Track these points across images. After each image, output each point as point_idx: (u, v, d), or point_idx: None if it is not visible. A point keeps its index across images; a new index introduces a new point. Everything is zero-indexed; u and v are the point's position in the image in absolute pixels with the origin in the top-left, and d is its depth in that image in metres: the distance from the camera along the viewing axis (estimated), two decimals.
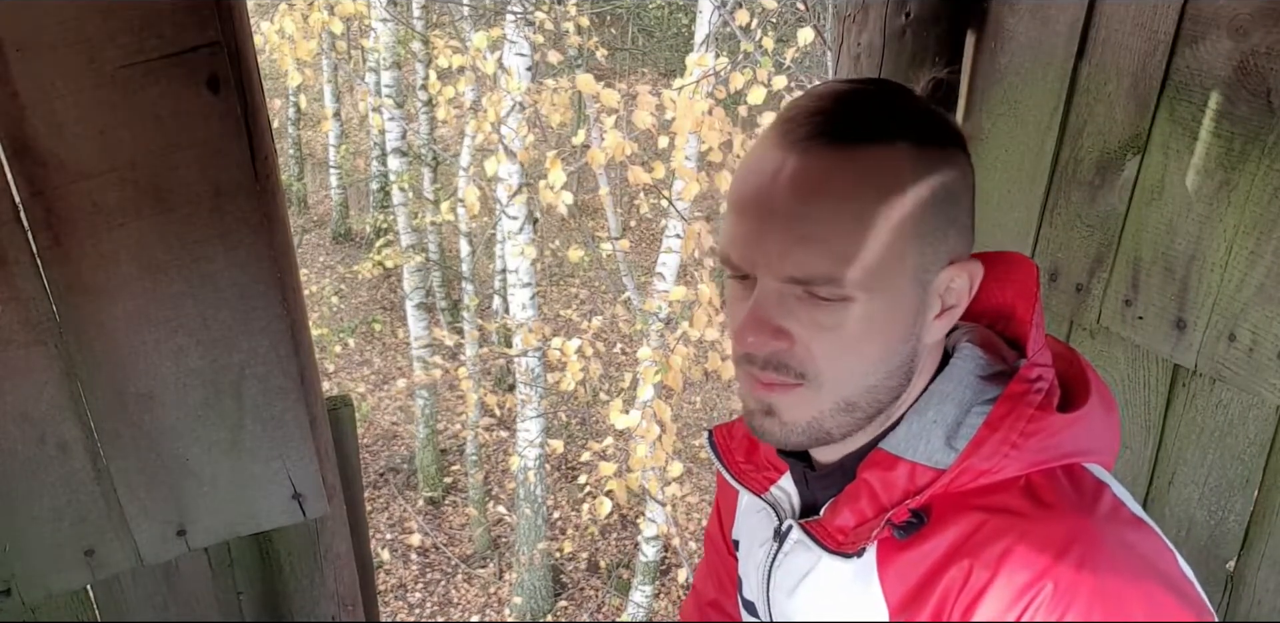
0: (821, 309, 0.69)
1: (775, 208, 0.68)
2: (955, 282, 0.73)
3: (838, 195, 0.67)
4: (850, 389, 0.72)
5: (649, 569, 6.39)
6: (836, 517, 0.77)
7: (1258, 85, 1.15)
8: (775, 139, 0.70)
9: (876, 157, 0.68)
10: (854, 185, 0.67)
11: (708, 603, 1.10)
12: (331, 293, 10.60)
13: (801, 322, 0.70)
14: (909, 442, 0.75)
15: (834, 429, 0.74)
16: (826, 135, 0.68)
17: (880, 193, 0.67)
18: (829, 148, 0.67)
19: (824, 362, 0.70)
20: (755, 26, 4.83)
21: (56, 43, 0.95)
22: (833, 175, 0.67)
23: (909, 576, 0.73)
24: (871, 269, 0.68)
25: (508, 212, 5.74)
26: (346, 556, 1.42)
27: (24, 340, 1.05)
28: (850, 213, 0.67)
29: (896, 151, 0.68)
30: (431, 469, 8.44)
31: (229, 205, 1.09)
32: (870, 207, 0.67)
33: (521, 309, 6.05)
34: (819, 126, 0.68)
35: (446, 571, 7.72)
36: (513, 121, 5.46)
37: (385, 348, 10.16)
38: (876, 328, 0.70)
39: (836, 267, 0.67)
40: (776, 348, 0.71)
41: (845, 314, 0.69)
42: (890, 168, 0.68)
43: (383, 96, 7.70)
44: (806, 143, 0.68)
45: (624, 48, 12.44)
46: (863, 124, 0.68)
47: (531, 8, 5.31)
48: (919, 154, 0.69)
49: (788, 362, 0.71)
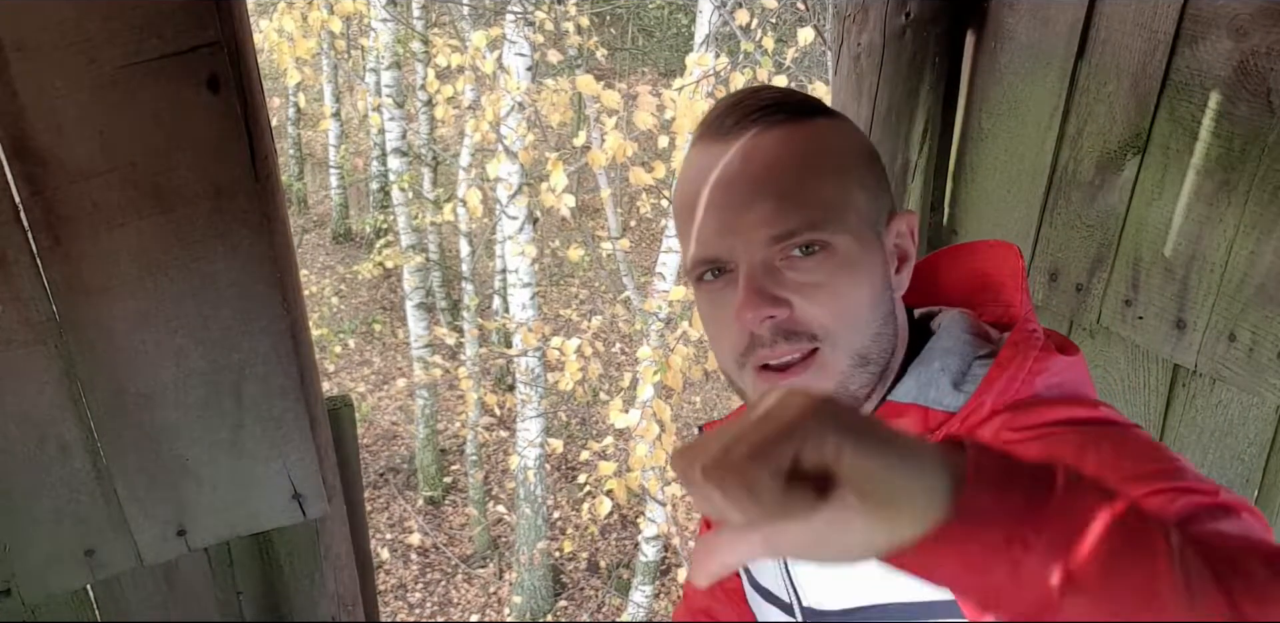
0: (806, 268, 0.73)
1: (740, 183, 0.73)
2: (901, 229, 0.80)
3: (794, 157, 0.73)
4: (860, 339, 0.74)
5: (649, 569, 6.39)
6: None
7: (1258, 85, 1.15)
8: (710, 137, 0.76)
9: (813, 126, 0.75)
10: (807, 149, 0.74)
11: (699, 609, 1.09)
12: (331, 293, 10.60)
13: (793, 286, 0.73)
14: (919, 390, 0.77)
15: (858, 389, 0.76)
16: (758, 115, 0.74)
17: (830, 152, 0.75)
18: (765, 124, 0.74)
19: (828, 317, 0.73)
20: (755, 26, 4.82)
21: (56, 43, 0.95)
22: (781, 143, 0.74)
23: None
24: (841, 214, 0.74)
25: (508, 212, 5.74)
26: (346, 556, 1.42)
27: (24, 340, 1.05)
28: (810, 170, 0.73)
29: (823, 123, 0.76)
30: (431, 469, 8.43)
31: (229, 205, 1.09)
32: (825, 163, 0.74)
33: (521, 309, 6.04)
34: (747, 113, 0.74)
35: (446, 570, 7.72)
36: (512, 121, 5.45)
37: (385, 348, 10.17)
38: (860, 274, 0.74)
39: (813, 214, 0.72)
40: (779, 316, 0.72)
41: (829, 265, 0.73)
42: (829, 133, 0.76)
43: (382, 96, 7.70)
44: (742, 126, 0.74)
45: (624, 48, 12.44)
46: (780, 105, 0.75)
47: (531, 7, 5.31)
48: (832, 123, 0.77)
49: (794, 328, 0.73)
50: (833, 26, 1.71)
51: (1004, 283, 0.85)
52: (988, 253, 0.86)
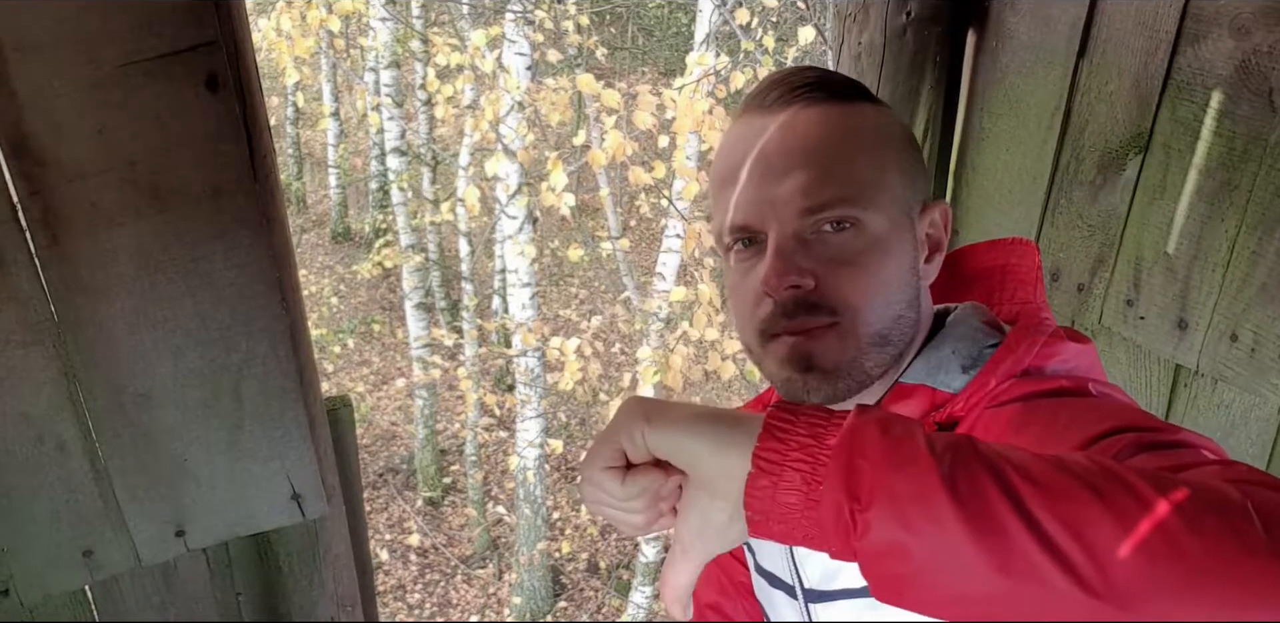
0: (837, 243, 0.74)
1: (778, 155, 0.74)
2: (935, 219, 0.81)
3: (834, 135, 0.75)
4: (880, 320, 0.75)
5: (649, 570, 6.38)
6: None
7: (1259, 84, 1.15)
8: (753, 109, 0.77)
9: (849, 107, 0.76)
10: (847, 128, 0.75)
11: (707, 605, 1.09)
12: (331, 293, 10.60)
13: (821, 259, 0.74)
14: (928, 372, 0.77)
15: (872, 368, 0.76)
16: (802, 91, 0.75)
17: (870, 133, 0.76)
18: (808, 101, 0.75)
19: (851, 294, 0.74)
20: (755, 25, 4.82)
21: (55, 42, 0.95)
22: (822, 120, 0.75)
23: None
24: (875, 194, 0.74)
25: (507, 211, 5.74)
26: (345, 556, 1.42)
27: (22, 340, 1.05)
28: (848, 147, 0.75)
29: (865, 107, 0.77)
30: (431, 470, 8.43)
31: (228, 205, 1.09)
32: (864, 142, 0.75)
33: (521, 309, 6.04)
34: (792, 88, 0.76)
35: (446, 571, 7.71)
36: (512, 121, 5.45)
37: (384, 348, 10.16)
38: (888, 254, 0.75)
39: (848, 190, 0.73)
40: (804, 287, 0.73)
41: (860, 242, 0.74)
42: (871, 115, 0.77)
43: (381, 95, 7.70)
44: (786, 100, 0.75)
45: (624, 47, 12.44)
46: (825, 84, 0.76)
47: (531, 6, 5.30)
48: (874, 108, 0.78)
49: (817, 301, 0.74)
50: (833, 25, 1.70)
51: (1021, 280, 0.85)
52: (1007, 250, 0.87)
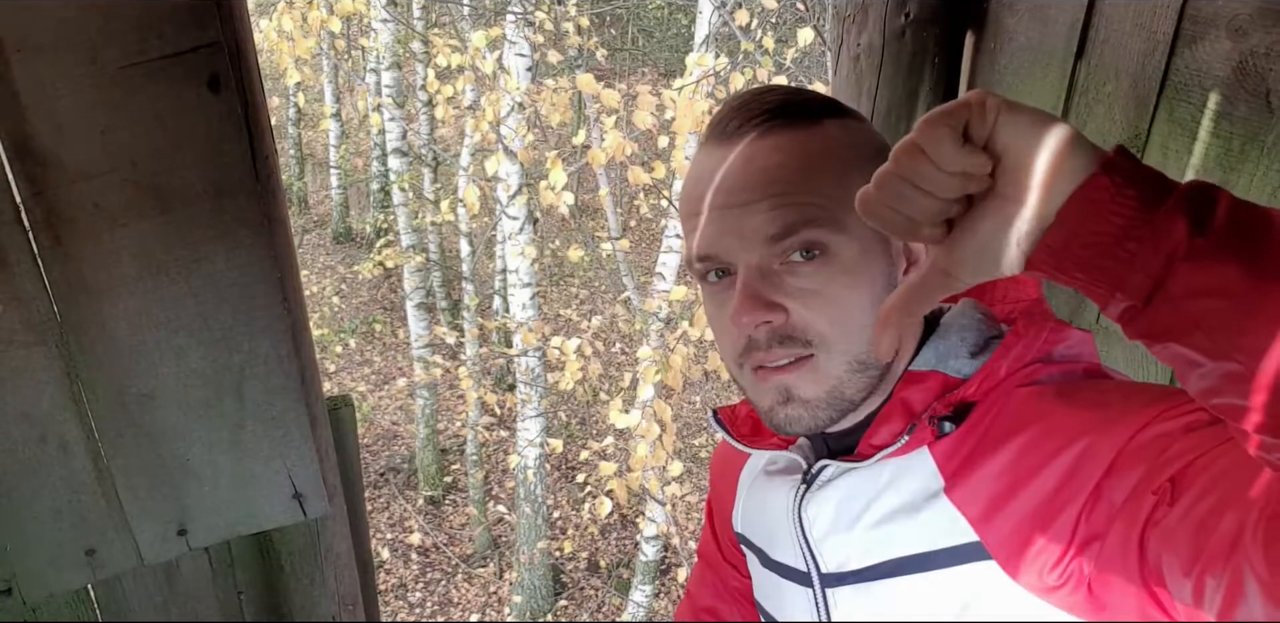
0: (805, 273, 0.73)
1: (740, 185, 0.73)
2: None
3: (795, 159, 0.73)
4: (857, 347, 0.74)
5: (649, 569, 6.39)
6: (872, 438, 0.77)
7: (1257, 85, 1.15)
8: (715, 140, 0.76)
9: (817, 129, 0.75)
10: (809, 152, 0.74)
11: (703, 608, 1.09)
12: (332, 293, 10.60)
13: (791, 292, 0.73)
14: (938, 358, 0.78)
15: (854, 394, 0.76)
16: (761, 118, 0.74)
17: (834, 153, 0.74)
18: (768, 127, 0.74)
19: (825, 323, 0.73)
20: (755, 26, 4.83)
21: (57, 43, 0.95)
22: (782, 146, 0.74)
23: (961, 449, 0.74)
24: (841, 217, 0.72)
25: (508, 212, 5.74)
26: (347, 555, 1.42)
27: (25, 341, 1.05)
28: (810, 171, 0.73)
29: (829, 125, 0.76)
30: (431, 469, 8.44)
31: (229, 205, 1.09)
32: (827, 164, 0.74)
33: (521, 309, 6.04)
34: (751, 117, 0.75)
35: (447, 570, 7.72)
36: (512, 121, 5.45)
37: (385, 348, 10.17)
38: (860, 279, 0.74)
39: (811, 214, 0.72)
40: (775, 322, 0.73)
41: (828, 271, 0.73)
42: (835, 134, 0.75)
43: (383, 96, 7.70)
44: (746, 129, 0.74)
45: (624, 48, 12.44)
46: (785, 108, 0.75)
47: (531, 8, 5.31)
48: (840, 122, 0.76)
49: (790, 333, 0.73)
50: (832, 27, 1.71)
51: (1018, 279, 0.85)
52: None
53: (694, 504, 6.97)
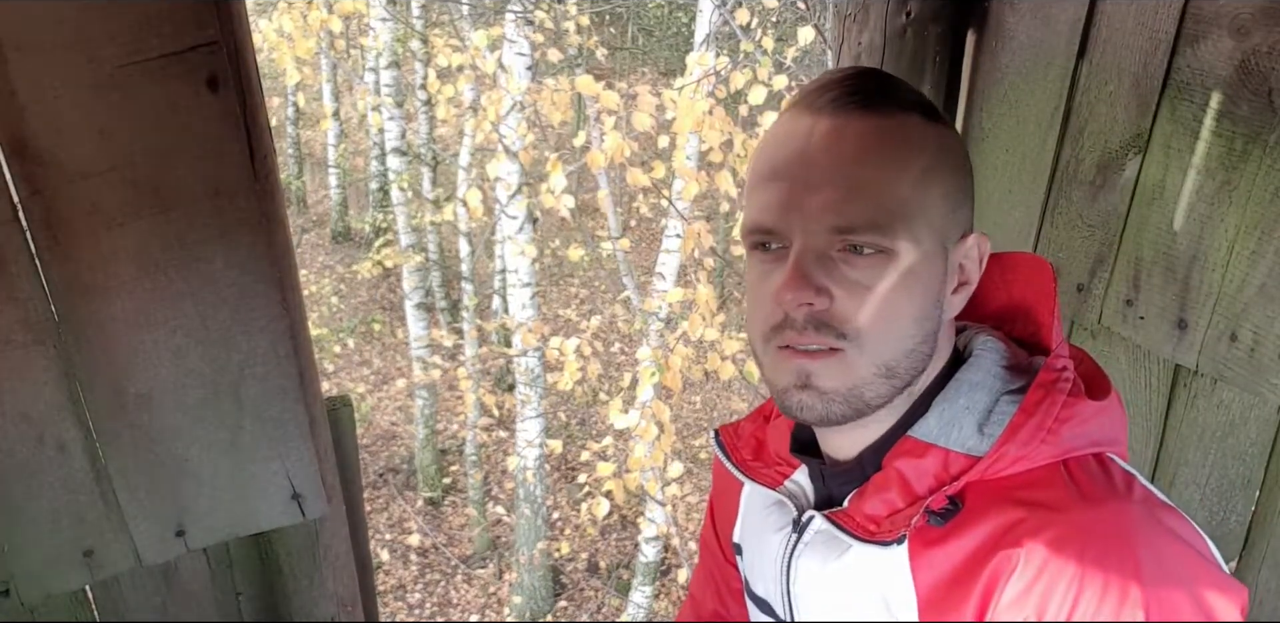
0: (860, 267, 0.71)
1: (817, 164, 0.71)
2: (971, 252, 0.77)
3: (879, 151, 0.71)
4: (890, 352, 0.72)
5: (649, 570, 6.38)
6: (865, 505, 0.75)
7: (1259, 85, 1.15)
8: (804, 108, 0.73)
9: (904, 121, 0.72)
10: (892, 143, 0.71)
11: (708, 612, 1.08)
12: (331, 293, 10.60)
13: (841, 281, 0.71)
14: (941, 429, 0.75)
15: (873, 399, 0.74)
16: (858, 99, 0.71)
17: (920, 153, 0.72)
18: (862, 110, 0.71)
19: (865, 321, 0.71)
20: (755, 26, 4.82)
21: (55, 42, 0.95)
22: (871, 134, 0.71)
23: (942, 566, 0.72)
24: (910, 221, 0.71)
25: (508, 211, 5.74)
26: (346, 556, 1.42)
27: (23, 341, 1.05)
28: (893, 166, 0.71)
29: (916, 121, 0.73)
30: (431, 469, 8.43)
31: (228, 205, 1.09)
32: (911, 163, 0.71)
33: (521, 309, 6.04)
34: (849, 93, 0.72)
35: (446, 571, 7.71)
36: (512, 121, 5.45)
37: (385, 348, 10.16)
38: (913, 286, 0.72)
39: (881, 215, 0.70)
40: (818, 306, 0.71)
41: (884, 270, 0.71)
42: (918, 133, 0.73)
43: (382, 95, 7.70)
44: (839, 105, 0.71)
45: (624, 47, 12.43)
46: (885, 93, 0.73)
47: (531, 7, 5.30)
48: (932, 125, 0.74)
49: (829, 321, 0.71)
50: (833, 26, 1.70)
51: (1035, 303, 0.82)
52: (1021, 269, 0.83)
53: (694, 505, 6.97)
